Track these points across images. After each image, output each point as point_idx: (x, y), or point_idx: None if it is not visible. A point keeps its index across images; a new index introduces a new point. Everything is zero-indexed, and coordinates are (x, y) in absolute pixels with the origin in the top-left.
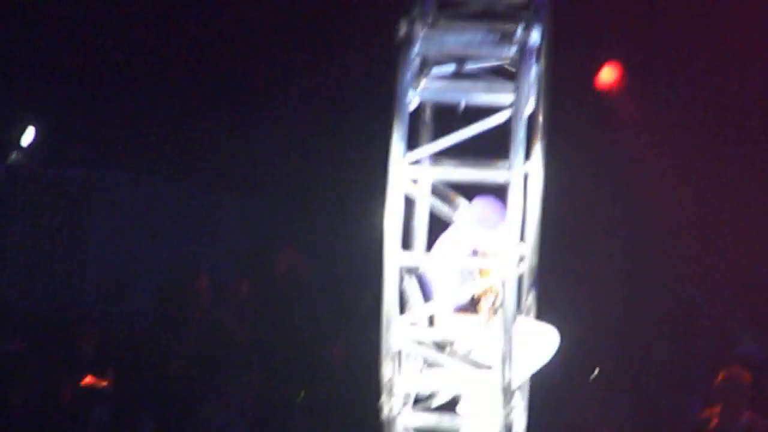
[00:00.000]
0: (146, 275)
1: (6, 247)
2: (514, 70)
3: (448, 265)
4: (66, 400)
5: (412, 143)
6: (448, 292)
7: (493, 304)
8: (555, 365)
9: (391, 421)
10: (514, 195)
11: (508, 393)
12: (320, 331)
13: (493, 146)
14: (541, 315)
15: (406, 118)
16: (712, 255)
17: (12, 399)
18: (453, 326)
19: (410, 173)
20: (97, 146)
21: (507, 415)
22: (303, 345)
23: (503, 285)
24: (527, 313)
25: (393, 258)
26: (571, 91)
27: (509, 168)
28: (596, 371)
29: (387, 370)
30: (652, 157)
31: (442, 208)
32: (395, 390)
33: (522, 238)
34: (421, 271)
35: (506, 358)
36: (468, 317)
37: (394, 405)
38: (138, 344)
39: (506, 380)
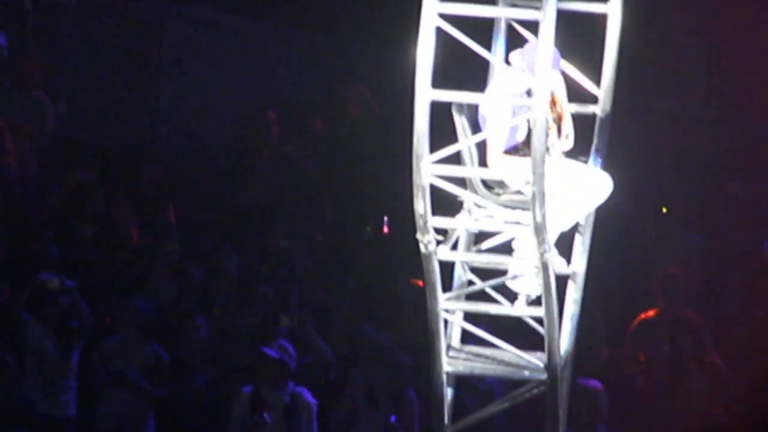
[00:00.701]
0: (217, 110)
1: (79, 77)
2: None
3: (498, 105)
4: (133, 234)
5: None
6: (499, 132)
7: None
8: (626, 202)
9: (429, 257)
10: (545, 33)
11: (541, 232)
12: (389, 166)
13: None
14: (613, 154)
15: None
16: None
17: (82, 230)
18: (502, 166)
19: (442, 8)
20: None
21: (543, 255)
22: (372, 180)
23: (533, 125)
24: (596, 156)
25: (423, 93)
26: None
27: (542, 6)
28: (664, 210)
29: (419, 206)
30: None
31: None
32: (428, 226)
33: (598, 81)
34: (479, 112)
35: (536, 197)
36: (520, 158)
37: (429, 241)
38: (209, 177)
39: (538, 220)
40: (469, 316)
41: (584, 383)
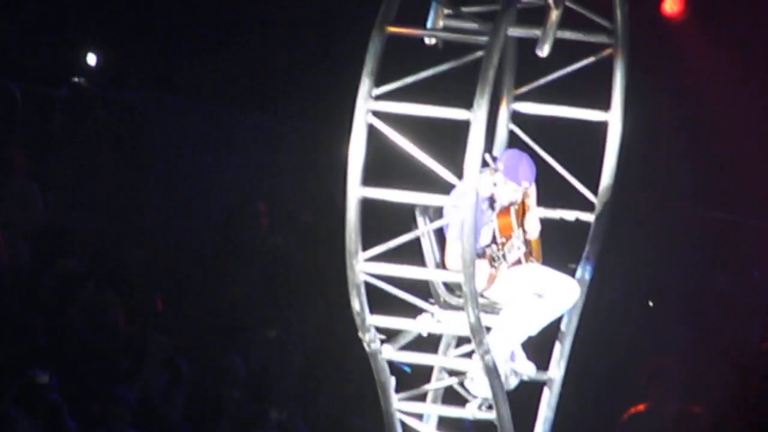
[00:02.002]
0: (206, 200)
1: (68, 169)
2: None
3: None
4: (121, 325)
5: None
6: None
7: (501, 252)
8: (613, 295)
9: (373, 356)
10: (474, 133)
11: (477, 334)
12: None
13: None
14: (604, 248)
15: (376, 55)
16: None
17: (73, 321)
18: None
19: (375, 107)
20: (159, 71)
21: (483, 357)
22: None
23: (462, 225)
24: (586, 263)
25: (354, 191)
26: (636, 18)
27: (473, 108)
28: (650, 303)
29: (354, 304)
30: (719, 86)
31: None
32: (367, 324)
33: (595, 188)
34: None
35: (468, 298)
36: (479, 262)
37: (371, 340)
38: (196, 268)
39: (472, 320)
40: None
41: None
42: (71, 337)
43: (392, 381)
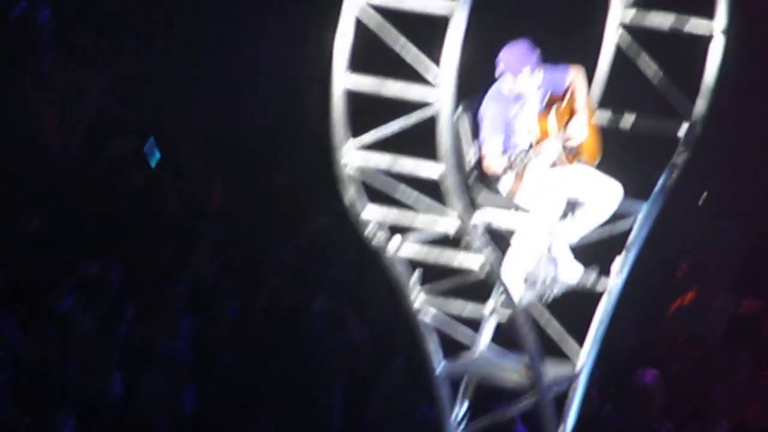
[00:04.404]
0: (260, 86)
1: (119, 49)
2: None
3: (492, 105)
4: (171, 213)
5: None
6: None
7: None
8: (665, 192)
9: (380, 251)
10: (454, 26)
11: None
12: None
13: None
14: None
15: None
16: None
17: (120, 208)
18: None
19: None
20: None
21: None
22: None
23: (438, 117)
24: (670, 171)
25: (339, 80)
26: None
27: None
28: (704, 195)
29: (346, 197)
30: None
31: None
32: (365, 217)
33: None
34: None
35: (450, 190)
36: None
37: (370, 234)
38: (247, 155)
39: (461, 215)
40: None
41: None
42: (122, 223)
43: (408, 278)
